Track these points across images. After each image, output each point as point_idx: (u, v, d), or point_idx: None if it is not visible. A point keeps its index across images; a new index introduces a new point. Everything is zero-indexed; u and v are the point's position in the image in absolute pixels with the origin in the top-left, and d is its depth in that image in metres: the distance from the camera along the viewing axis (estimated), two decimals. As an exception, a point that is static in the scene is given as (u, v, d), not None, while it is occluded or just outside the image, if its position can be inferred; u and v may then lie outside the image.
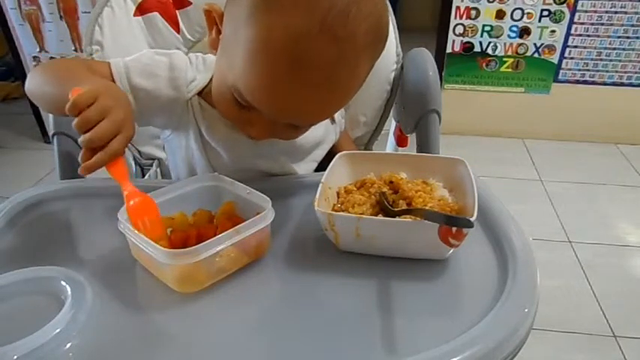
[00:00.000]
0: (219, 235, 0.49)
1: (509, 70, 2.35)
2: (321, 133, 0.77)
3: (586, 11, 2.16)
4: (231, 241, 0.49)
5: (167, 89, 0.65)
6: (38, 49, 2.21)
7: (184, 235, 0.54)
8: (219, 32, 0.62)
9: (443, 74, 2.39)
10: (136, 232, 0.50)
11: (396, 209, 0.55)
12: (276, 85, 0.53)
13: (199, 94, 0.68)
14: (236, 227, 0.50)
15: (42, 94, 0.63)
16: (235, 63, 0.55)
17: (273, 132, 0.62)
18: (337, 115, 0.81)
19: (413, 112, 0.85)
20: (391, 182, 0.60)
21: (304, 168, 0.76)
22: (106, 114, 0.50)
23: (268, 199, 0.54)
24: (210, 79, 0.67)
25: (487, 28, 2.26)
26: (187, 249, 0.47)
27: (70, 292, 0.47)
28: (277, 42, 0.51)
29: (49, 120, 0.79)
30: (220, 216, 0.58)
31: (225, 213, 0.58)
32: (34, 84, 0.63)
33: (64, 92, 0.54)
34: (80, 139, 0.50)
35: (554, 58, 2.29)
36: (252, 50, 0.53)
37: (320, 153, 0.79)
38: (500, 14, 2.22)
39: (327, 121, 0.79)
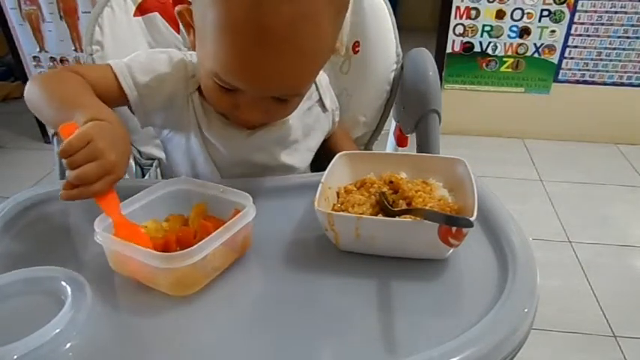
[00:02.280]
0: (212, 235, 0.49)
1: (509, 70, 2.35)
2: (312, 120, 0.78)
3: (586, 11, 2.16)
4: (222, 239, 0.49)
5: (170, 85, 0.67)
6: (38, 49, 2.21)
7: (163, 241, 0.53)
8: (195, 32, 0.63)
9: (443, 74, 2.39)
10: (122, 240, 0.49)
11: (396, 209, 0.55)
12: (245, 54, 0.55)
13: (198, 90, 0.69)
14: (225, 225, 0.50)
15: (40, 113, 0.63)
16: (208, 48, 0.58)
17: (262, 110, 0.63)
18: (329, 104, 0.81)
19: (413, 112, 0.85)
20: (391, 182, 0.60)
21: (300, 159, 0.77)
22: (96, 158, 0.51)
23: (247, 194, 0.54)
24: None
25: (487, 28, 2.26)
26: (183, 251, 0.47)
27: (70, 292, 0.47)
28: (237, 13, 0.53)
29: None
30: (195, 218, 0.57)
31: (198, 215, 0.57)
32: (34, 100, 0.63)
33: (63, 118, 0.55)
34: (67, 173, 0.51)
35: (554, 58, 2.29)
36: (217, 30, 0.55)
37: (313, 142, 0.79)
38: (500, 14, 2.22)
39: (318, 109, 0.79)
